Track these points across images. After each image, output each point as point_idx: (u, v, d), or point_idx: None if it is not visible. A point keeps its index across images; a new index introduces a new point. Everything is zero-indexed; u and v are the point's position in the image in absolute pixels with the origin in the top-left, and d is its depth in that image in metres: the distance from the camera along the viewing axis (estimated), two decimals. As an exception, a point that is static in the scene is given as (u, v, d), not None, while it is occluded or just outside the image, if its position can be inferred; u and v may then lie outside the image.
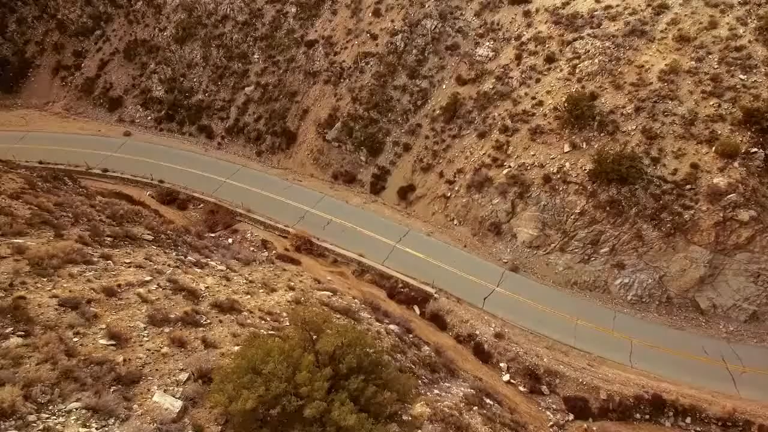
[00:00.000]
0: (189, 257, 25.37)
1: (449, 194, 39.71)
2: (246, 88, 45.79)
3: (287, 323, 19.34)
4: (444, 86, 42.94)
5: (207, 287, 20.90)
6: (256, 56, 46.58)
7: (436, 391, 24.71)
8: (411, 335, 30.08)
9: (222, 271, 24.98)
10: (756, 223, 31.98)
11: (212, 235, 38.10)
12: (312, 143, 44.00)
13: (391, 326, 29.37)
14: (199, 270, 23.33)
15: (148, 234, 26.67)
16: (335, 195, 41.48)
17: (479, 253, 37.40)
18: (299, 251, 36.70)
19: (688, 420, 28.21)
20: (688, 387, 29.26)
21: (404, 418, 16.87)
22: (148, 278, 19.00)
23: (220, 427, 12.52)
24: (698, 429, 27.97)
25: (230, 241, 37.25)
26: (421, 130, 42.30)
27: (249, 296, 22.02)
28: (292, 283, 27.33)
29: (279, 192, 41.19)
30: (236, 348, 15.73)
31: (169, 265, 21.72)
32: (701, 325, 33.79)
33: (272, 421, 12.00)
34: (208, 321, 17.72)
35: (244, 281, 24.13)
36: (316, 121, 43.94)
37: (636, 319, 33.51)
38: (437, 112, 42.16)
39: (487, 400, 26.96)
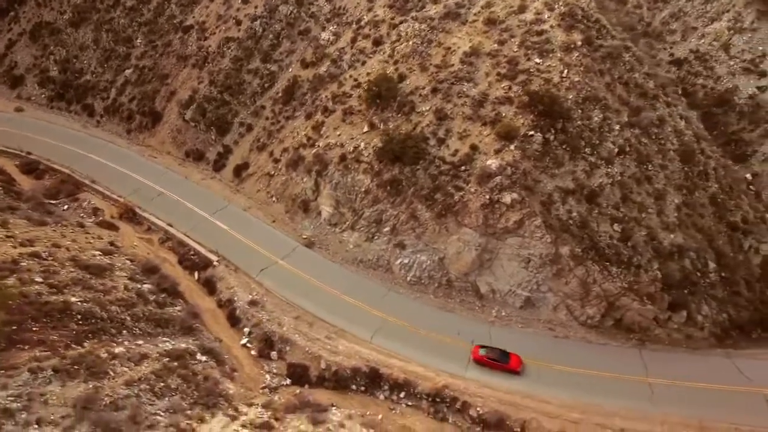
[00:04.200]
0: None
1: (273, 173, 41.04)
2: (126, 71, 49.29)
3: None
4: (290, 69, 44.30)
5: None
6: (138, 41, 50.10)
7: (139, 342, 26.77)
8: (165, 295, 32.07)
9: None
10: (522, 207, 31.11)
11: (53, 201, 41.94)
12: (173, 123, 46.67)
13: (146, 286, 31.63)
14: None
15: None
16: (180, 171, 44.11)
17: (285, 228, 38.58)
18: (121, 219, 39.64)
19: (402, 394, 28.28)
20: (417, 364, 29.16)
21: None
22: None
23: None
24: (409, 403, 28.11)
25: (65, 207, 40.81)
26: (263, 112, 43.91)
27: None
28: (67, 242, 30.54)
29: (130, 167, 44.09)
30: None
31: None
32: (475, 309, 33.26)
33: None
34: None
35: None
36: (179, 102, 46.63)
37: (408, 299, 33.49)
38: (279, 94, 43.65)
39: (202, 357, 28.60)
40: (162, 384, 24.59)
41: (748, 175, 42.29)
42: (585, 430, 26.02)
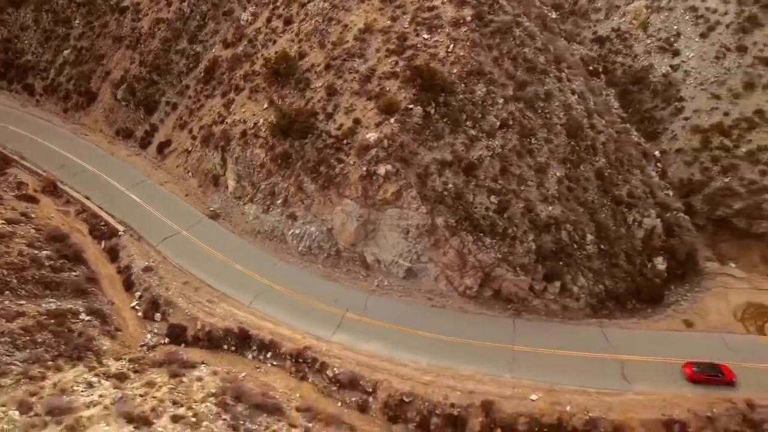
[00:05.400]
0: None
1: (191, 149, 42.44)
2: (64, 51, 50.90)
3: None
4: (213, 50, 45.46)
5: None
6: (77, 21, 51.48)
7: (22, 302, 28.55)
8: (65, 261, 33.74)
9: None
10: (398, 179, 31.98)
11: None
12: (107, 102, 48.30)
13: (45, 252, 33.37)
14: None
15: None
16: (108, 148, 45.81)
17: (195, 202, 40.09)
18: (44, 192, 41.50)
19: (269, 354, 29.80)
20: (287, 327, 30.59)
21: None
22: None
23: None
24: (274, 362, 29.58)
25: (-8, 181, 42.86)
26: (187, 91, 45.20)
27: None
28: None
29: (61, 144, 45.80)
30: None
31: None
32: (359, 279, 34.41)
33: None
34: None
35: None
36: (112, 82, 48.18)
37: (296, 268, 34.80)
38: (201, 74, 44.85)
39: (86, 317, 30.21)
40: (27, 338, 26.44)
41: (657, 152, 42.78)
42: (433, 391, 27.25)
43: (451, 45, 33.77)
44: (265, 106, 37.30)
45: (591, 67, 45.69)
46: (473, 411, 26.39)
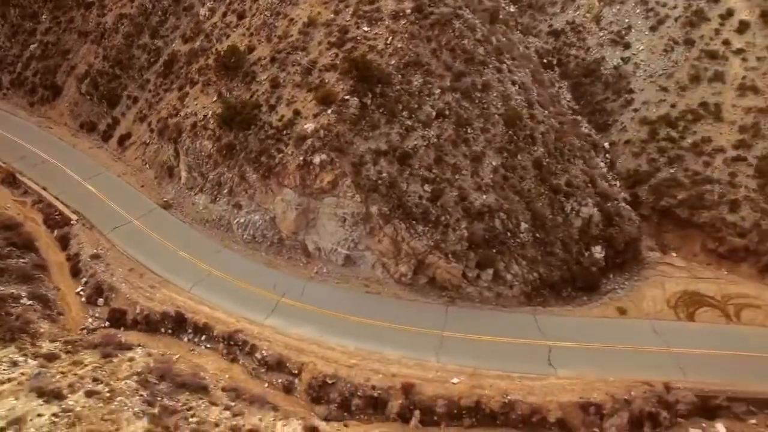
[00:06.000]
0: None
1: (149, 141, 43.44)
2: (31, 46, 51.94)
3: None
4: (174, 45, 46.35)
5: None
6: (44, 17, 52.36)
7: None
8: (14, 248, 34.67)
9: None
10: (334, 168, 32.75)
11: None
12: (71, 96, 49.31)
13: (-8, 240, 34.47)
14: None
15: None
16: (70, 141, 46.75)
17: (150, 192, 40.98)
18: (2, 183, 42.53)
19: (204, 337, 30.65)
20: (223, 312, 31.39)
21: None
22: None
23: None
24: (209, 345, 30.44)
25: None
26: (148, 85, 46.11)
27: None
28: None
29: (24, 136, 46.52)
30: None
31: None
32: (299, 266, 35.20)
33: None
34: None
35: None
36: (77, 76, 49.26)
37: (239, 256, 35.62)
38: (161, 68, 45.78)
39: (28, 302, 30.99)
40: (-44, 319, 27.47)
41: (607, 144, 43.30)
42: (356, 373, 27.95)
43: (390, 37, 34.42)
44: (215, 99, 38.24)
45: (545, 60, 46.47)
46: (393, 393, 27.05)
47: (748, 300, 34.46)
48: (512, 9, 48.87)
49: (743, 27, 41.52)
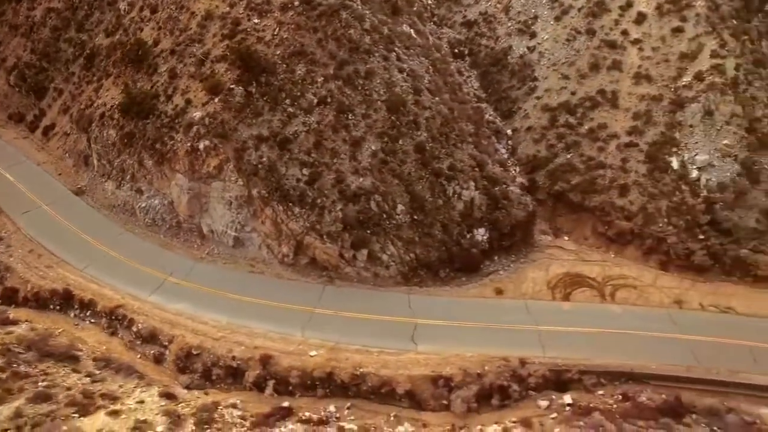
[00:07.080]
0: None
1: (69, 132, 45.25)
2: (-35, 40, 54.15)
3: None
4: (97, 39, 47.95)
5: None
6: (-23, 11, 54.58)
7: None
8: None
9: None
10: (218, 153, 34.30)
11: None
12: (1, 88, 51.36)
13: None
14: None
15: None
16: (-2, 131, 49.17)
17: (66, 180, 42.95)
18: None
19: (88, 312, 32.53)
20: (110, 289, 33.16)
21: None
22: None
23: None
24: (92, 320, 32.31)
25: None
26: (72, 78, 47.84)
27: None
28: None
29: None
30: None
31: None
32: (194, 248, 36.94)
33: None
34: None
35: None
36: (7, 69, 51.23)
37: (138, 239, 37.45)
38: (84, 61, 47.43)
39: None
40: None
41: (509, 131, 44.41)
42: (221, 345, 29.68)
43: (277, 28, 35.90)
44: (121, 90, 39.96)
45: (456, 50, 47.67)
46: (252, 364, 28.76)
47: (627, 281, 35.75)
48: (429, 1, 50.18)
49: (641, 18, 42.51)
